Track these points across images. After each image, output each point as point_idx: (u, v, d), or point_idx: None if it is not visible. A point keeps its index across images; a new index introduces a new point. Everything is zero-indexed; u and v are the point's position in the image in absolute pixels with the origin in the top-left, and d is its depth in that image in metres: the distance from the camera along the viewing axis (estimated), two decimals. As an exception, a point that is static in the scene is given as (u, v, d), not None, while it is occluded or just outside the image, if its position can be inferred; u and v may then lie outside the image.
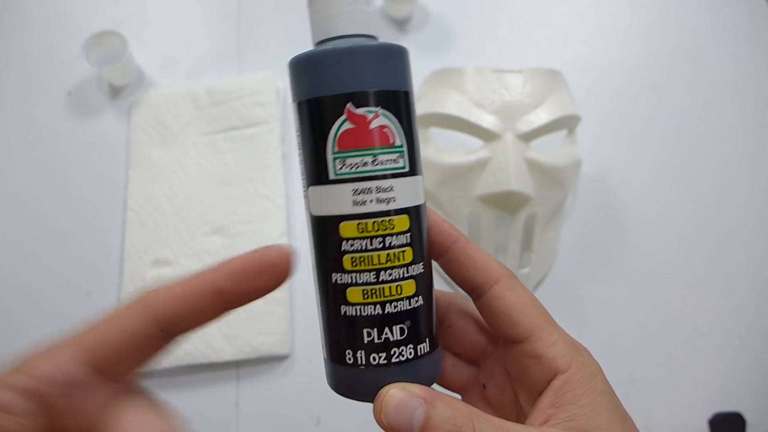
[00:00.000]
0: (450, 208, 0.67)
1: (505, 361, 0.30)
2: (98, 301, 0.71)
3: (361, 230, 0.26)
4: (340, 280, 0.27)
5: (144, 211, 0.74)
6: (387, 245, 0.26)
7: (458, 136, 0.66)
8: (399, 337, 0.26)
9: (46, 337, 0.23)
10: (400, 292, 0.26)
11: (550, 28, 0.86)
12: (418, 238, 0.27)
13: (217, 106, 0.78)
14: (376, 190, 0.26)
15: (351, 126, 0.26)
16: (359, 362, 0.27)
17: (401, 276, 0.27)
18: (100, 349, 0.23)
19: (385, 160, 0.26)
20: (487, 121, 0.64)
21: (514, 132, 0.63)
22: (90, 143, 0.80)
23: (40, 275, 0.73)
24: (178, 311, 0.23)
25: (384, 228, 0.26)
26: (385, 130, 0.26)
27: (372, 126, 0.26)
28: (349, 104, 0.26)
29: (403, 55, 0.28)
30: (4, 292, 0.72)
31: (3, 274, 0.73)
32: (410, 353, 0.27)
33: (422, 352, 0.27)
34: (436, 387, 0.28)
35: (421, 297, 0.27)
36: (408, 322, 0.27)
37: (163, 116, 0.78)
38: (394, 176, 0.26)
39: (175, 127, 0.78)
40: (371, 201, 0.26)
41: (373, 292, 0.26)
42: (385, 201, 0.26)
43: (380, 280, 0.26)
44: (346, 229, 0.26)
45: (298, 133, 0.28)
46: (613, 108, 0.81)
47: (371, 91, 0.26)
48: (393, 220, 0.26)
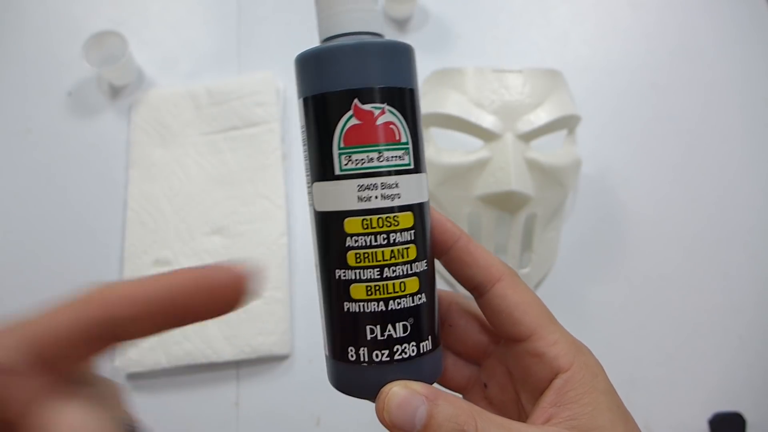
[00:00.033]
0: (450, 208, 0.67)
1: (506, 360, 0.30)
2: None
3: (365, 226, 0.26)
4: (344, 276, 0.27)
5: (144, 211, 0.74)
6: (391, 242, 0.26)
7: (458, 136, 0.66)
8: (402, 335, 0.26)
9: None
10: (403, 289, 0.26)
11: (550, 28, 0.86)
12: (422, 236, 0.27)
13: (217, 106, 0.78)
14: (381, 186, 0.26)
15: (357, 122, 0.26)
16: (362, 359, 0.26)
17: (405, 273, 0.26)
18: (45, 340, 0.21)
19: (391, 157, 0.26)
20: (487, 121, 0.64)
21: (514, 132, 0.63)
22: (90, 143, 0.79)
23: (40, 275, 0.72)
24: (128, 316, 0.22)
25: (388, 224, 0.26)
26: (391, 126, 0.26)
27: (378, 122, 0.26)
28: (356, 100, 0.26)
29: (409, 53, 0.28)
30: (5, 292, 0.71)
31: (3, 274, 0.73)
32: (413, 351, 0.27)
33: (425, 350, 0.27)
34: (437, 387, 0.28)
35: (424, 294, 0.27)
36: (411, 320, 0.27)
37: (163, 116, 0.78)
38: (398, 173, 0.26)
39: (175, 127, 0.78)
40: (376, 197, 0.26)
41: (377, 288, 0.26)
42: (390, 197, 0.26)
43: (384, 276, 0.26)
44: (351, 225, 0.26)
45: (303, 129, 0.28)
46: (613, 108, 0.81)
47: (378, 88, 0.26)
48: (397, 217, 0.26)
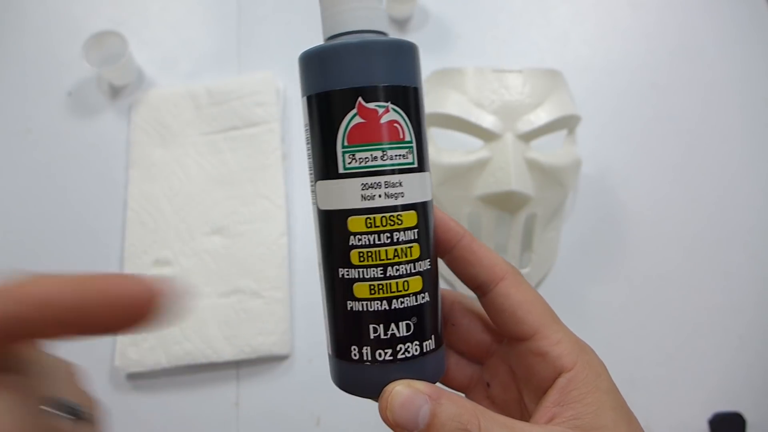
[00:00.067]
0: (450, 208, 0.67)
1: (509, 359, 0.30)
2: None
3: (369, 225, 0.26)
4: (347, 275, 0.26)
5: (144, 211, 0.74)
6: (395, 240, 0.26)
7: (458, 136, 0.66)
8: (405, 334, 0.26)
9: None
10: (407, 288, 0.26)
11: (550, 28, 0.86)
12: (425, 235, 0.27)
13: (217, 106, 0.78)
14: (385, 185, 0.26)
15: (361, 120, 0.26)
16: (365, 358, 0.26)
17: (408, 272, 0.26)
18: None
19: (395, 155, 0.26)
20: (487, 121, 0.64)
21: (514, 132, 0.63)
22: (90, 143, 0.79)
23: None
24: (36, 318, 0.20)
25: (392, 223, 0.26)
26: (395, 125, 0.26)
27: (382, 120, 0.26)
28: (360, 98, 0.26)
29: (413, 52, 0.28)
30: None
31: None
32: (416, 350, 0.27)
33: (428, 349, 0.27)
34: (440, 386, 0.28)
35: (427, 294, 0.27)
36: (414, 319, 0.27)
37: (163, 116, 0.78)
38: (402, 171, 0.26)
39: (175, 127, 0.77)
40: (380, 196, 0.26)
41: (380, 287, 0.26)
42: (394, 196, 0.26)
43: (387, 275, 0.26)
44: (354, 224, 0.26)
45: (307, 128, 0.28)
46: (613, 108, 0.81)
47: (382, 86, 0.26)
48: (401, 216, 0.26)
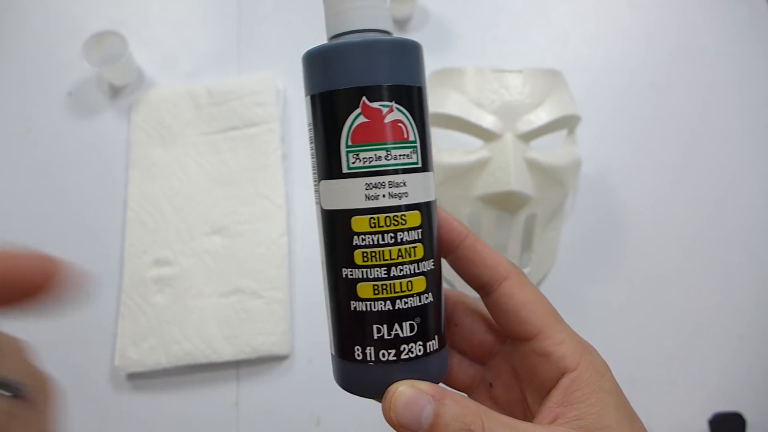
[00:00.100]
0: (450, 208, 0.67)
1: (512, 359, 0.30)
2: (99, 302, 0.71)
3: (373, 225, 0.26)
4: (351, 275, 0.26)
5: (144, 211, 0.74)
6: (398, 241, 0.26)
7: (458, 136, 0.66)
8: (409, 334, 0.26)
9: (46, 337, 0.21)
10: (410, 289, 0.26)
11: (550, 28, 0.86)
12: (429, 235, 0.27)
13: (217, 106, 0.78)
14: (389, 185, 0.26)
15: (365, 120, 0.26)
16: (368, 358, 0.26)
17: (412, 272, 0.26)
18: None
19: (399, 155, 0.26)
20: (487, 121, 0.64)
21: (514, 132, 0.63)
22: (90, 143, 0.79)
23: (40, 275, 0.72)
24: None
25: (396, 223, 0.26)
26: (399, 124, 0.26)
27: (387, 120, 0.26)
28: (364, 98, 0.26)
29: (417, 51, 0.28)
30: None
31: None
32: (419, 350, 0.27)
33: (431, 350, 0.27)
34: (442, 386, 0.28)
35: (431, 294, 0.27)
36: (418, 319, 0.27)
37: (163, 116, 0.78)
38: (406, 171, 0.26)
39: (175, 127, 0.77)
40: (384, 195, 0.26)
41: (384, 287, 0.26)
42: (398, 196, 0.26)
43: (391, 275, 0.26)
44: (358, 224, 0.26)
45: (311, 127, 0.28)
46: (613, 108, 0.81)
47: (386, 86, 0.26)
48: (405, 216, 0.26)
